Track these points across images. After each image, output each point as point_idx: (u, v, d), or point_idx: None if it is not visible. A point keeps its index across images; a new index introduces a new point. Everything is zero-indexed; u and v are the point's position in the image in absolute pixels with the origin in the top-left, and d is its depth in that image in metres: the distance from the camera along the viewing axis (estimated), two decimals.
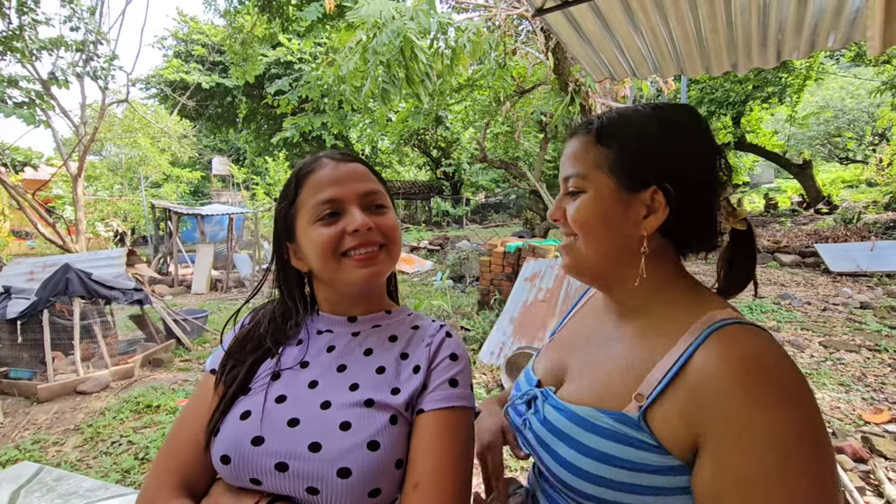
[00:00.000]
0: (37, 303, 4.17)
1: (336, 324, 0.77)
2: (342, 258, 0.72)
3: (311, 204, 0.72)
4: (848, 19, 1.53)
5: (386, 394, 0.68)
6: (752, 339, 0.54)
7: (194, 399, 0.74)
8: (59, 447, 3.34)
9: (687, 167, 0.65)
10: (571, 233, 0.69)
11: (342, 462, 0.60)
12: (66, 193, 11.24)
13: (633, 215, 0.65)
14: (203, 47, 17.66)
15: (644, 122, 0.66)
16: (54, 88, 7.45)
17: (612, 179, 0.65)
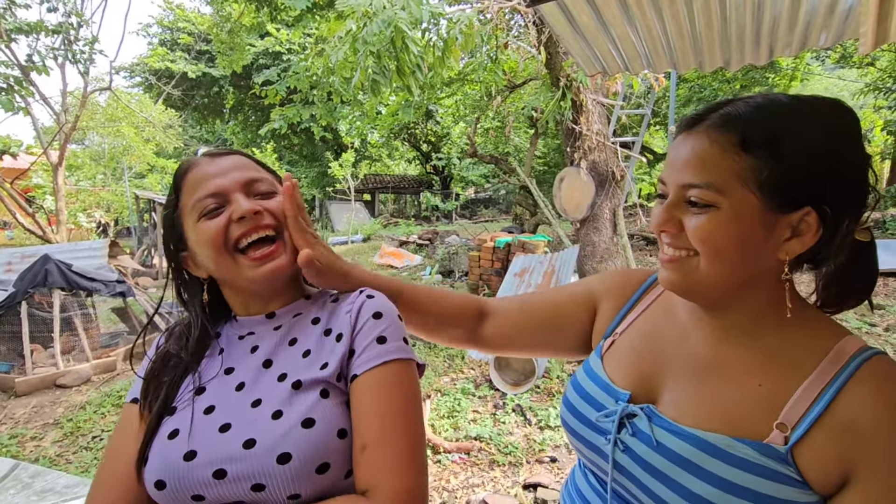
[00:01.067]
0: (15, 294, 4.06)
1: (255, 324, 0.74)
2: (237, 255, 0.68)
3: (192, 202, 0.69)
4: (841, 17, 1.53)
5: (315, 371, 0.65)
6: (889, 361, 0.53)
7: (119, 432, 0.69)
8: (37, 442, 3.27)
9: (848, 185, 0.55)
10: (686, 248, 0.59)
11: (280, 448, 0.58)
12: (47, 183, 10.97)
13: (776, 238, 0.55)
14: (189, 35, 17.31)
15: (802, 126, 0.54)
16: (34, 75, 7.24)
17: (758, 197, 0.54)
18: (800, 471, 0.51)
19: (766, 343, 0.59)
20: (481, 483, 2.69)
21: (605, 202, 4.98)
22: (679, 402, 0.61)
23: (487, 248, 6.37)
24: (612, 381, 0.68)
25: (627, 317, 0.75)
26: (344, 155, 16.02)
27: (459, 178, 22.39)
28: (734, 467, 0.53)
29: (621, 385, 0.67)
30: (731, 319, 0.62)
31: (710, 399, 0.59)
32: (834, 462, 0.50)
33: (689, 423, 0.58)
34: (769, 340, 0.59)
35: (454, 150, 21.56)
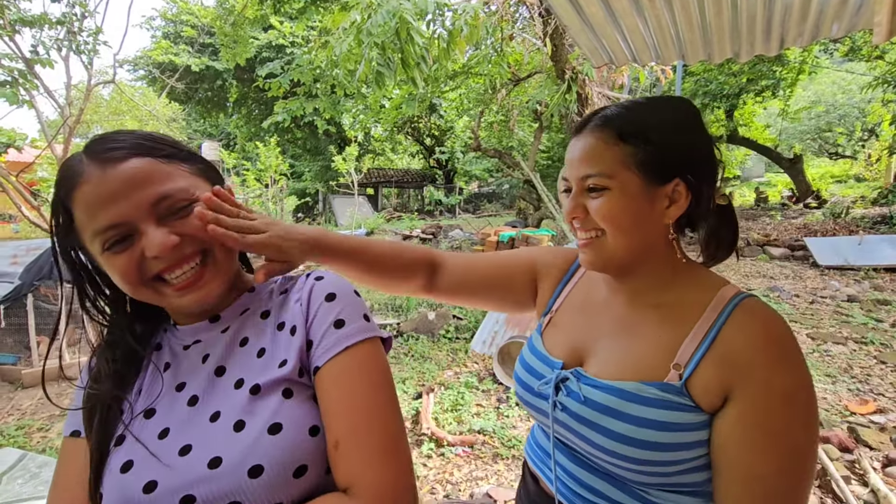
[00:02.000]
0: (21, 286, 4.08)
1: (200, 331, 0.65)
2: (158, 284, 0.60)
3: (90, 232, 0.57)
4: (854, 6, 1.50)
5: (272, 371, 0.59)
6: (765, 310, 0.65)
7: (61, 470, 0.62)
8: (44, 433, 3.30)
9: (701, 157, 0.71)
10: (594, 229, 0.72)
11: (249, 462, 0.53)
12: (52, 176, 11.00)
13: (658, 207, 0.69)
14: (192, 28, 17.26)
15: (661, 117, 0.70)
16: (38, 68, 7.23)
17: (638, 176, 0.68)
18: (693, 398, 0.64)
19: (664, 300, 0.72)
20: (485, 476, 2.69)
21: None
22: (600, 361, 0.74)
23: (491, 242, 6.36)
24: (549, 353, 0.81)
25: (561, 294, 0.87)
26: (347, 149, 15.99)
27: (463, 172, 22.34)
28: (644, 406, 0.65)
29: (556, 355, 0.79)
30: (637, 283, 0.75)
31: (623, 354, 0.72)
32: (717, 387, 0.63)
33: (608, 376, 0.70)
34: (666, 297, 0.72)
35: (458, 143, 21.49)
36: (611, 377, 0.70)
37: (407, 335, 4.96)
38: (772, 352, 0.61)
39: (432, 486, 2.63)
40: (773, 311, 0.66)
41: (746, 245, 9.37)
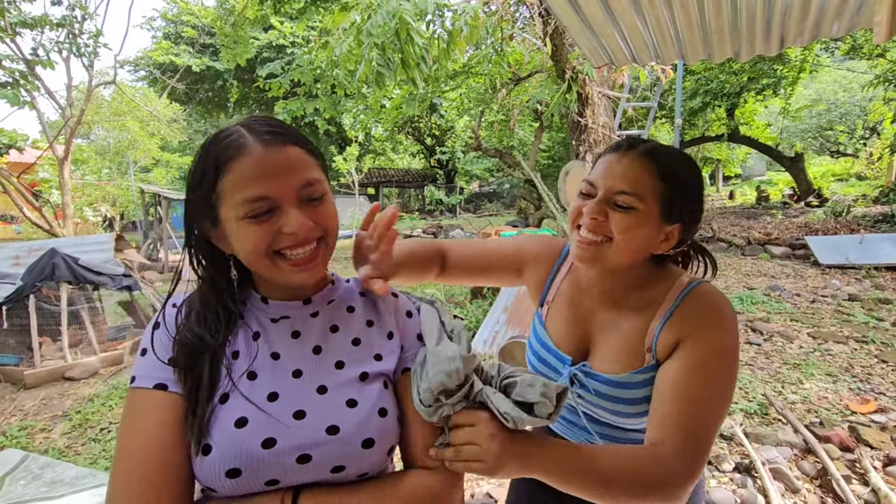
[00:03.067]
0: (22, 288, 4.09)
1: (291, 308, 0.73)
2: (277, 258, 0.65)
3: (237, 199, 0.62)
4: (854, 5, 1.50)
5: (372, 363, 0.72)
6: (713, 292, 0.84)
7: (143, 423, 0.62)
8: (46, 434, 3.30)
9: (698, 211, 0.87)
10: (604, 234, 0.83)
11: (364, 434, 0.64)
12: (53, 177, 11.02)
13: (658, 238, 0.85)
14: (193, 29, 17.27)
15: (685, 169, 0.85)
16: (39, 69, 7.25)
17: (659, 209, 0.82)
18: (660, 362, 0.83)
19: (639, 298, 0.89)
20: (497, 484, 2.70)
21: None
22: (600, 358, 0.91)
23: None
24: (558, 347, 0.97)
25: (553, 284, 1.02)
26: (348, 149, 15.99)
27: (464, 171, 22.33)
28: (639, 388, 0.85)
29: (564, 350, 0.95)
30: (617, 285, 0.91)
31: (615, 351, 0.89)
32: (670, 345, 0.81)
33: (607, 371, 0.88)
34: (640, 296, 0.89)
35: (458, 143, 21.48)
36: (609, 372, 0.88)
37: None
38: (712, 319, 0.80)
39: None
40: (719, 293, 0.84)
41: (747, 244, 9.36)
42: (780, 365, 4.04)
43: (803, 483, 2.50)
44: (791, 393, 3.52)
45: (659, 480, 0.72)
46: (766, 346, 4.50)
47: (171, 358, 0.65)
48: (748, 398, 3.45)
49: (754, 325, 5.02)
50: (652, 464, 0.73)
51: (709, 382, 0.77)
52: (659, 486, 0.72)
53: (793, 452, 2.77)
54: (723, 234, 10.30)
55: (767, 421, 3.15)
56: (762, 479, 2.47)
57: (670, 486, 0.72)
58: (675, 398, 0.77)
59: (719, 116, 16.92)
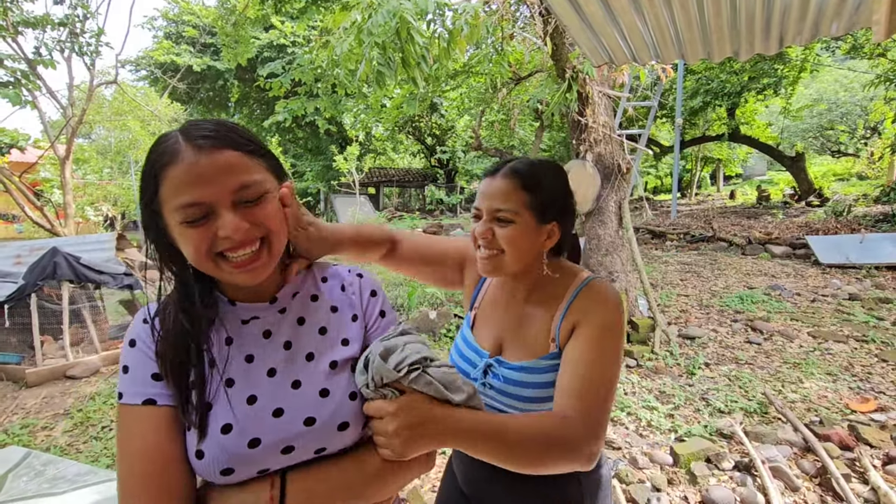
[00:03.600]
0: (24, 287, 4.11)
1: (259, 310, 0.75)
2: (219, 260, 0.67)
3: (174, 205, 0.64)
4: (853, 5, 1.50)
5: (339, 349, 0.76)
6: (603, 285, 0.97)
7: (139, 434, 0.65)
8: (48, 431, 3.32)
9: (569, 210, 1.02)
10: (497, 248, 0.97)
11: (338, 419, 0.70)
12: (54, 176, 11.04)
13: (540, 238, 0.98)
14: (194, 28, 17.28)
15: (547, 176, 0.99)
16: (41, 69, 7.26)
17: (533, 216, 0.96)
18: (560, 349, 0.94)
19: (543, 295, 1.01)
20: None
21: (610, 195, 4.95)
22: (512, 349, 1.01)
23: None
24: (479, 344, 1.07)
25: (481, 292, 1.14)
26: (349, 148, 15.99)
27: (464, 171, 22.33)
28: (540, 373, 0.95)
29: (484, 347, 1.06)
30: (525, 286, 1.04)
31: (524, 342, 1.00)
32: (568, 331, 0.93)
33: (517, 359, 0.98)
34: (543, 293, 1.01)
35: (459, 143, 21.48)
36: (518, 360, 0.99)
37: None
38: (599, 303, 0.93)
39: (433, 484, 2.64)
40: (609, 285, 0.98)
41: (748, 243, 9.36)
42: (780, 364, 4.05)
43: (803, 481, 2.51)
44: (791, 392, 3.53)
45: (562, 440, 0.80)
46: (766, 345, 4.51)
47: (154, 374, 0.67)
48: (748, 397, 3.46)
49: (754, 324, 5.02)
50: (556, 426, 0.81)
51: (600, 355, 0.89)
52: (563, 445, 0.80)
53: (792, 451, 2.78)
54: (723, 233, 10.29)
55: (767, 420, 3.16)
56: (762, 478, 2.47)
57: (574, 444, 0.81)
58: (573, 373, 0.89)
59: (720, 116, 16.91)
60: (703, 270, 7.84)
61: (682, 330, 4.95)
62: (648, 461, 2.73)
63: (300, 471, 0.69)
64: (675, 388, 3.65)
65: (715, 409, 3.31)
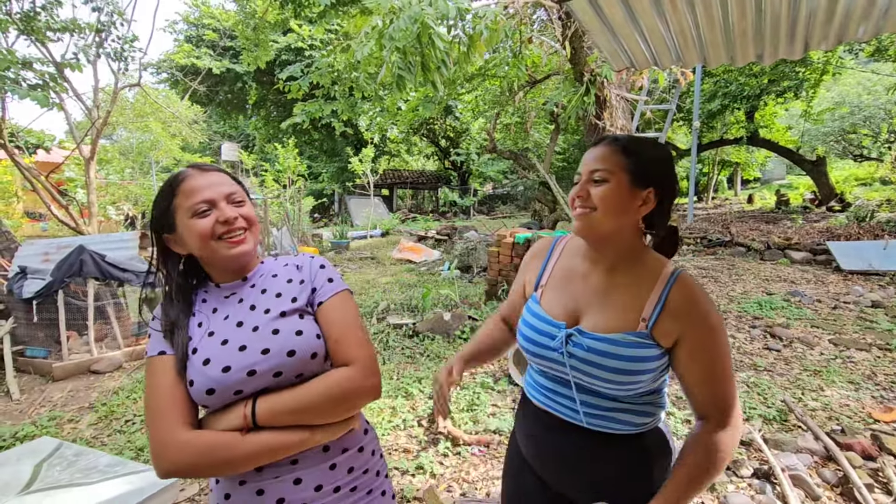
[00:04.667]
0: (52, 283, 4.22)
1: (235, 287, 1.05)
2: (218, 242, 0.97)
3: (188, 205, 0.96)
4: (881, 9, 1.49)
5: (288, 304, 1.01)
6: (692, 280, 1.01)
7: (157, 375, 0.95)
8: (74, 424, 3.41)
9: (669, 182, 1.05)
10: (590, 206, 1.02)
11: (287, 348, 0.95)
12: (79, 176, 11.31)
13: (635, 204, 1.02)
14: (214, 32, 17.59)
15: (648, 145, 1.05)
16: (67, 71, 7.46)
17: (629, 178, 1.00)
18: (655, 340, 0.99)
19: (629, 274, 1.05)
20: (501, 476, 2.71)
21: None
22: (592, 320, 1.05)
23: (507, 243, 6.36)
24: (551, 315, 1.10)
25: (546, 270, 1.19)
26: (364, 150, 16.11)
27: (478, 173, 22.32)
28: (627, 347, 0.99)
29: (557, 318, 1.09)
30: (610, 258, 1.07)
31: (608, 314, 1.04)
32: (671, 332, 0.98)
33: (601, 331, 1.02)
34: (630, 272, 1.05)
35: (473, 145, 21.48)
36: (603, 331, 1.02)
37: (423, 335, 4.99)
38: (700, 306, 0.98)
39: (449, 484, 2.66)
40: (694, 280, 1.02)
41: (767, 249, 9.20)
42: (800, 371, 3.98)
43: (824, 490, 2.47)
44: (811, 400, 3.47)
45: (720, 452, 0.95)
46: (785, 352, 4.44)
47: (164, 334, 0.98)
48: (767, 404, 3.41)
49: (773, 330, 4.95)
50: (714, 440, 0.96)
51: (717, 357, 0.98)
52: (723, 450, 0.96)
53: (813, 459, 2.73)
54: (741, 238, 10.14)
55: (787, 427, 3.11)
56: (781, 486, 2.44)
57: (728, 446, 0.96)
58: (701, 380, 0.99)
59: (738, 119, 16.66)
60: (721, 275, 7.73)
61: None
62: None
63: (267, 394, 0.93)
64: None
65: None
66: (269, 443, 0.90)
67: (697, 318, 0.97)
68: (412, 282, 8.39)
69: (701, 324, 0.97)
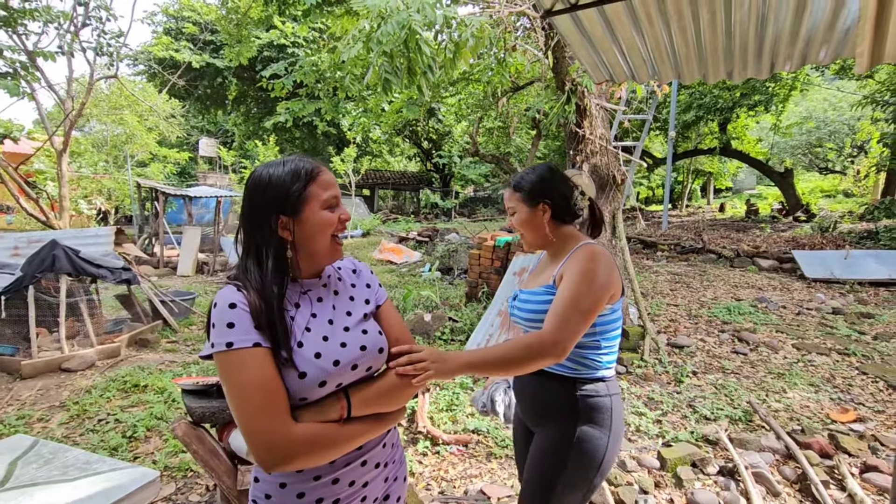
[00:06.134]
0: (22, 278, 4.11)
1: (311, 285, 1.09)
2: (332, 239, 1.04)
3: (325, 196, 1.01)
4: (840, 35, 1.61)
5: (364, 307, 1.13)
6: (592, 247, 1.35)
7: (254, 368, 0.91)
8: (44, 423, 3.32)
9: (550, 190, 1.43)
10: (519, 232, 1.50)
11: (377, 346, 1.06)
12: (48, 168, 10.95)
13: (537, 216, 1.44)
14: (194, 25, 17.26)
15: (526, 175, 1.47)
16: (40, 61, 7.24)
17: (525, 205, 1.45)
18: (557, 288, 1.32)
19: (556, 253, 1.46)
20: (479, 474, 2.77)
21: (605, 205, 5.06)
22: (529, 285, 1.51)
23: (488, 246, 6.44)
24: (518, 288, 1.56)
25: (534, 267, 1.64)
26: (346, 150, 16.02)
27: (459, 176, 22.41)
28: (540, 295, 1.38)
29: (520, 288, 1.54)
30: (551, 251, 1.49)
31: (537, 279, 1.48)
32: (560, 278, 1.32)
33: (529, 289, 1.46)
34: (556, 252, 1.45)
35: (455, 148, 21.57)
36: (528, 288, 1.47)
37: None
38: (581, 260, 1.30)
39: (427, 482, 2.70)
40: (597, 248, 1.34)
41: (736, 256, 9.53)
42: (765, 374, 4.17)
43: (784, 487, 2.61)
44: (775, 401, 3.64)
45: (538, 345, 1.19)
46: (751, 355, 4.63)
47: (256, 326, 0.93)
48: (733, 405, 3.56)
49: (741, 335, 5.15)
50: (533, 339, 1.21)
51: (571, 289, 1.25)
52: (538, 349, 1.19)
53: (775, 458, 2.87)
54: (713, 245, 10.47)
55: (751, 427, 3.26)
56: (745, 483, 2.56)
57: (542, 343, 1.19)
58: (553, 303, 1.27)
59: (712, 130, 17.20)
60: (693, 281, 7.99)
61: (670, 339, 5.06)
62: (636, 464, 2.81)
63: (354, 387, 1.02)
64: (664, 395, 3.74)
65: (701, 416, 3.40)
66: (361, 431, 1.00)
67: (577, 264, 1.29)
68: (393, 283, 8.40)
69: (575, 269, 1.28)
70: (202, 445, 1.75)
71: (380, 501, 1.11)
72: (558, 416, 1.37)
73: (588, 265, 1.27)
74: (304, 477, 0.98)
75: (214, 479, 1.78)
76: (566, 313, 1.22)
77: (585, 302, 1.23)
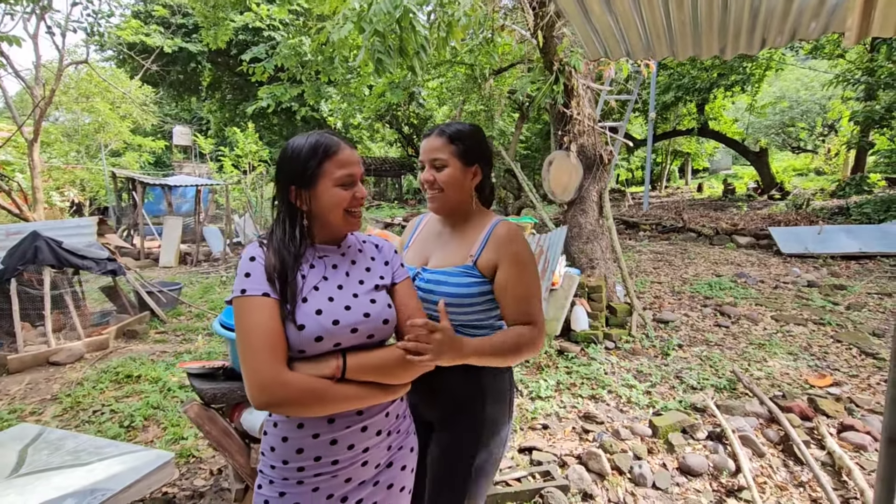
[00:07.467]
0: (3, 271, 3.99)
1: (330, 251, 1.15)
2: (346, 213, 1.09)
3: (338, 173, 1.07)
4: (829, 9, 1.66)
5: (377, 280, 1.16)
6: (508, 225, 1.30)
7: (259, 313, 0.99)
8: (37, 416, 3.27)
9: (487, 156, 1.37)
10: (439, 188, 1.32)
11: (382, 317, 1.10)
12: (16, 160, 10.52)
13: (468, 178, 1.33)
14: (164, 8, 16.61)
15: (468, 132, 1.34)
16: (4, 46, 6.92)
17: (460, 161, 1.31)
18: (479, 271, 1.27)
19: (467, 226, 1.36)
20: None
21: (591, 185, 5.13)
22: (434, 261, 1.36)
23: None
24: (410, 264, 1.39)
25: (412, 239, 1.49)
26: None
27: None
28: (455, 276, 1.27)
29: (412, 264, 1.39)
30: (453, 221, 1.39)
31: (445, 256, 1.34)
32: (490, 262, 1.26)
33: (438, 267, 1.33)
34: (468, 224, 1.36)
35: None
36: (440, 267, 1.32)
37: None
38: (511, 244, 1.26)
39: None
40: (511, 225, 1.31)
41: (715, 234, 9.80)
42: (747, 345, 4.34)
43: (768, 448, 2.75)
44: (757, 370, 3.80)
45: (530, 339, 1.23)
46: (733, 328, 4.80)
47: (268, 278, 1.02)
48: (718, 375, 3.71)
49: (723, 308, 5.33)
50: (525, 332, 1.23)
51: (523, 279, 1.25)
52: (530, 342, 1.23)
53: (759, 422, 3.02)
54: (692, 224, 10.72)
55: (736, 395, 3.41)
56: (732, 446, 2.69)
57: (536, 340, 1.24)
58: (511, 297, 1.25)
59: (690, 111, 17.44)
60: (675, 259, 8.19)
61: (656, 314, 5.21)
62: (630, 433, 2.92)
63: (354, 351, 1.05)
64: (652, 367, 3.87)
65: (688, 386, 3.54)
66: (355, 395, 1.03)
67: (509, 251, 1.25)
68: None
69: (511, 257, 1.25)
70: (215, 426, 1.77)
71: (382, 468, 1.13)
72: (469, 404, 1.31)
73: (520, 249, 1.26)
74: (304, 433, 1.03)
75: (227, 458, 1.81)
76: (533, 305, 1.25)
77: (535, 285, 1.27)
